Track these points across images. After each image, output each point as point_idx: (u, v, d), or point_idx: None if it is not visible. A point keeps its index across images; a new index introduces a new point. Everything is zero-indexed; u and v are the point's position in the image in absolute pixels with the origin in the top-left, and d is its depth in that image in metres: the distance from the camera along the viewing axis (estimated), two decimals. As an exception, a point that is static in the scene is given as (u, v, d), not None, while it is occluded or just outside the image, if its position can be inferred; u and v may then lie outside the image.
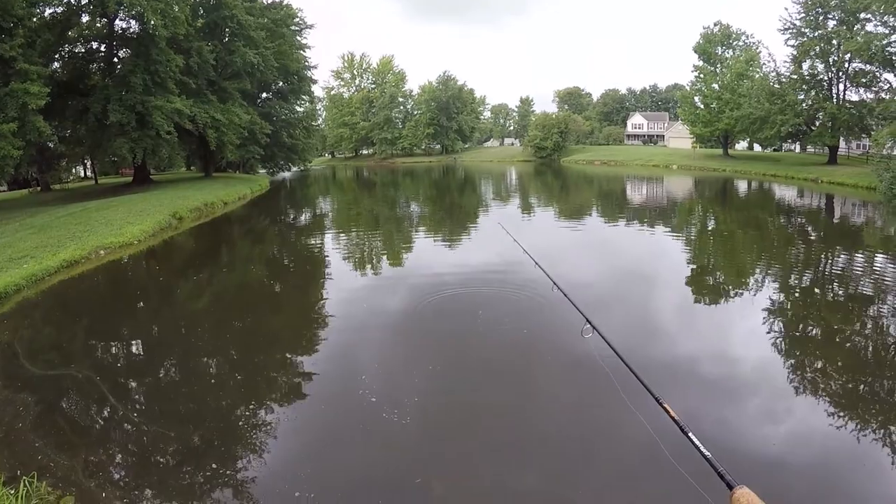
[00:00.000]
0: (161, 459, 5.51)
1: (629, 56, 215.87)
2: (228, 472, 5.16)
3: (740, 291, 10.95)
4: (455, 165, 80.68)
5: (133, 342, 9.30)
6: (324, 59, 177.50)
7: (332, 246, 17.33)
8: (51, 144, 31.34)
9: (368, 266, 14.14)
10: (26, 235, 17.13)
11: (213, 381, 7.41)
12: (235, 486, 4.91)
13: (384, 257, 15.21)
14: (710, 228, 20.57)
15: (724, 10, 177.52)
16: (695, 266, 13.64)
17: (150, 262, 15.86)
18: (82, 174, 55.89)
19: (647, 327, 8.83)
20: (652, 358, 7.20)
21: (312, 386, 6.96)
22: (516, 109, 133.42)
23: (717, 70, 59.06)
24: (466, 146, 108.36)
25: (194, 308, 11.23)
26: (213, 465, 5.28)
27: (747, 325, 8.76)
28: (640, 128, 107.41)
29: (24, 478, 4.59)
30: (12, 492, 4.42)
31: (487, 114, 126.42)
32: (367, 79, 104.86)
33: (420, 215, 26.02)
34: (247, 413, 6.34)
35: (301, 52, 49.60)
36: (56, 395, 7.10)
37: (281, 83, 49.68)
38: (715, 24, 59.24)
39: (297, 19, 49.09)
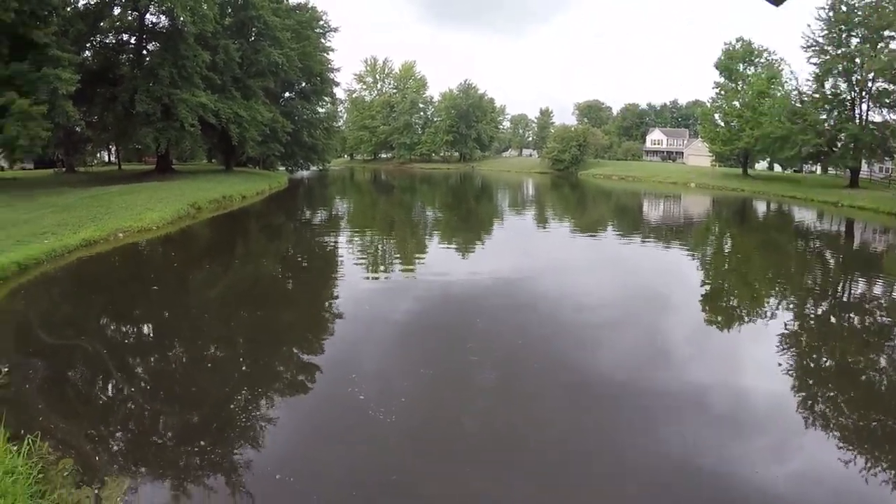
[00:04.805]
0: (158, 434, 5.74)
1: (651, 70, 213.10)
2: (219, 450, 5.37)
3: (755, 319, 10.63)
4: (473, 174, 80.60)
5: (143, 322, 9.54)
6: (344, 62, 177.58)
7: (345, 246, 17.36)
8: (78, 129, 32.09)
9: (379, 268, 14.19)
10: (49, 213, 17.54)
11: (213, 365, 7.62)
12: (224, 464, 5.12)
13: (395, 261, 15.26)
14: (727, 251, 20.19)
15: (747, 26, 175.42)
16: (710, 289, 13.33)
17: (166, 248, 16.14)
18: (106, 159, 56.80)
19: (658, 350, 8.45)
20: (661, 382, 7.04)
21: (307, 379, 7.12)
22: (535, 120, 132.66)
23: (739, 87, 58.28)
24: (485, 155, 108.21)
25: (205, 295, 11.43)
26: (203, 443, 5.48)
27: (761, 354, 8.38)
28: (659, 144, 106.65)
29: (28, 437, 4.70)
30: (14, 448, 4.52)
31: (507, 123, 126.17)
32: (389, 83, 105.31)
33: (435, 221, 26.07)
34: (242, 399, 6.55)
35: (325, 54, 50.12)
36: (65, 364, 7.35)
37: (304, 83, 50.15)
38: (737, 41, 58.36)
39: (322, 22, 49.75)
